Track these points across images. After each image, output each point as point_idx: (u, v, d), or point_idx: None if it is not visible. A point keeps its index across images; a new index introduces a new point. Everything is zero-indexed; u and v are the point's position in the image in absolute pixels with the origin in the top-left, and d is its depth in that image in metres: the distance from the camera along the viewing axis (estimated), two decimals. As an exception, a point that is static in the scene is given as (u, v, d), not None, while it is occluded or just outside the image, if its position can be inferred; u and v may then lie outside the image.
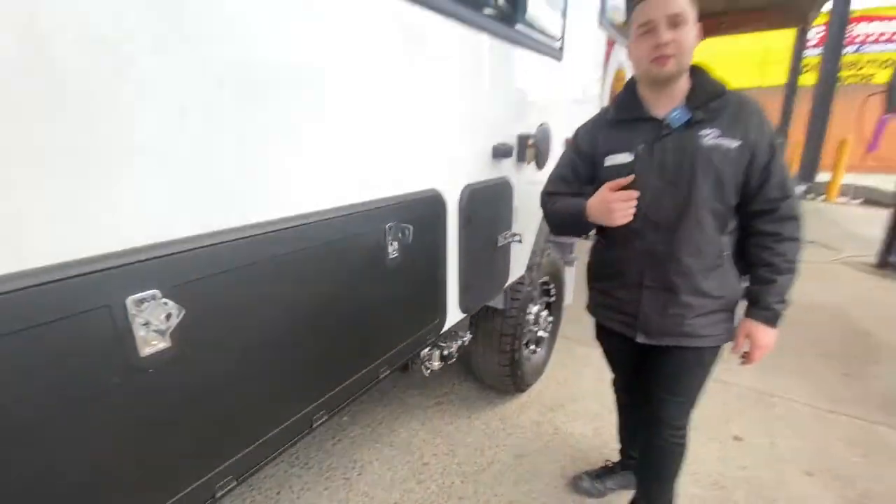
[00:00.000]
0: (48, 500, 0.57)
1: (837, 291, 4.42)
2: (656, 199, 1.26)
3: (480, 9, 1.36)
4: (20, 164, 0.52)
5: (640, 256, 1.33)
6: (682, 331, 1.34)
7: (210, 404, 0.76)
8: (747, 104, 1.21)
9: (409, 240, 1.10)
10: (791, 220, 1.24)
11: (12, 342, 0.51)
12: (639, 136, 1.26)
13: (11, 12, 0.48)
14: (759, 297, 1.30)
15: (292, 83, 0.83)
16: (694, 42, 1.17)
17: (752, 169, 1.20)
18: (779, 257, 1.25)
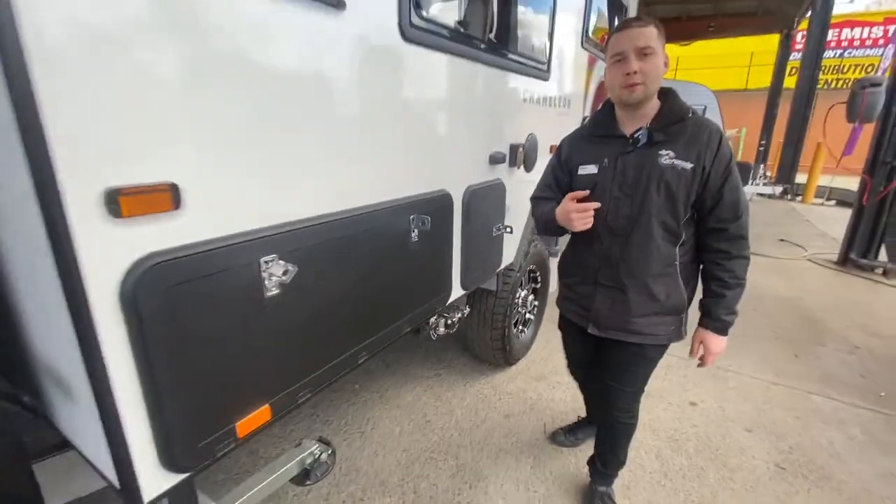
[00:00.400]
0: (229, 374, 0.93)
1: (798, 285, 4.85)
2: (615, 207, 1.38)
3: (482, 47, 1.71)
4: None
5: (598, 257, 1.46)
6: (627, 327, 1.46)
7: (304, 330, 1.12)
8: (705, 130, 1.30)
9: (427, 228, 1.46)
10: (739, 239, 1.34)
11: (210, 280, 0.86)
12: (607, 151, 1.39)
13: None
14: (710, 309, 1.42)
15: (381, 128, 1.24)
16: (661, 71, 1.28)
17: (706, 190, 1.30)
18: (727, 273, 1.36)
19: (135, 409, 0.82)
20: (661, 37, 1.28)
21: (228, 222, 0.91)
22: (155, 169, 0.77)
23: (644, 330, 1.46)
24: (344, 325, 1.26)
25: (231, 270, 0.92)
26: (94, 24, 0.67)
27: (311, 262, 1.08)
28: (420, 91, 1.46)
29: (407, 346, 3.24)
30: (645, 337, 1.47)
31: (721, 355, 1.49)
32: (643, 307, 1.43)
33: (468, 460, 2.18)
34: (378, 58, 1.25)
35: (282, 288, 1.01)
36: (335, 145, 1.17)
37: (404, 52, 1.32)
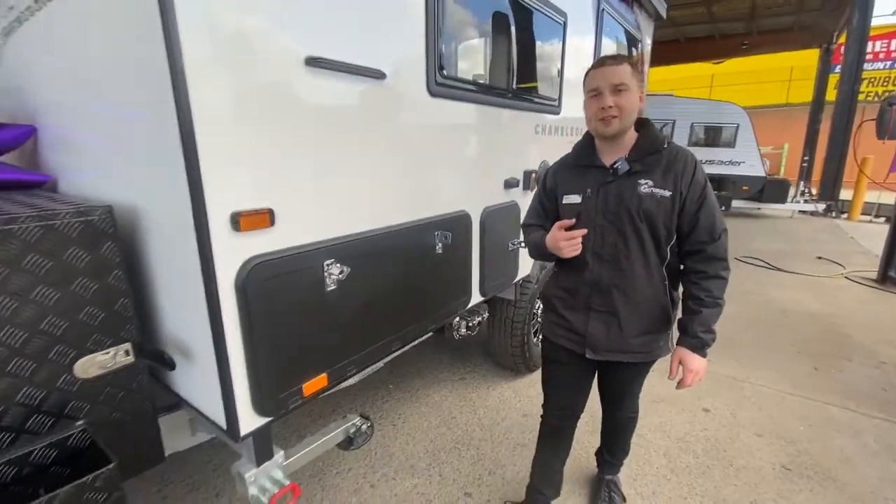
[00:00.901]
0: (300, 347, 1.28)
1: (830, 302, 4.81)
2: (601, 235, 1.44)
3: (496, 94, 2.06)
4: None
5: (587, 284, 1.49)
6: (624, 348, 1.51)
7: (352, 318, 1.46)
8: (681, 159, 1.37)
9: (448, 241, 1.79)
10: (716, 260, 1.39)
11: (290, 276, 1.22)
12: (589, 181, 1.45)
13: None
14: (687, 326, 1.44)
15: (413, 164, 1.62)
16: (636, 105, 1.35)
17: (683, 214, 1.37)
18: (704, 292, 1.40)
19: (239, 368, 1.18)
20: (635, 74, 1.35)
21: (304, 235, 1.27)
22: (260, 199, 1.14)
23: (640, 349, 1.51)
24: (382, 317, 1.59)
25: (304, 270, 1.27)
26: (232, 112, 1.05)
27: (359, 266, 1.43)
28: (444, 133, 1.81)
29: (434, 351, 3.54)
30: (640, 355, 1.52)
31: (700, 377, 1.46)
32: (638, 328, 1.48)
33: (488, 451, 2.43)
34: (411, 110, 1.62)
35: (338, 284, 1.36)
36: (378, 178, 1.53)
37: (430, 104, 1.68)
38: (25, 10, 1.56)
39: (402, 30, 1.53)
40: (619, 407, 1.83)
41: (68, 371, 1.14)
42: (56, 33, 1.43)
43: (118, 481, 1.05)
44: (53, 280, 1.09)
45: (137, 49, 1.05)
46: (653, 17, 4.25)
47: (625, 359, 1.54)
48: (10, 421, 1.07)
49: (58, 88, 1.59)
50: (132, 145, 1.21)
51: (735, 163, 10.03)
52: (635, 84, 1.35)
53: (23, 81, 1.82)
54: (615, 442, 2.00)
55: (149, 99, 1.05)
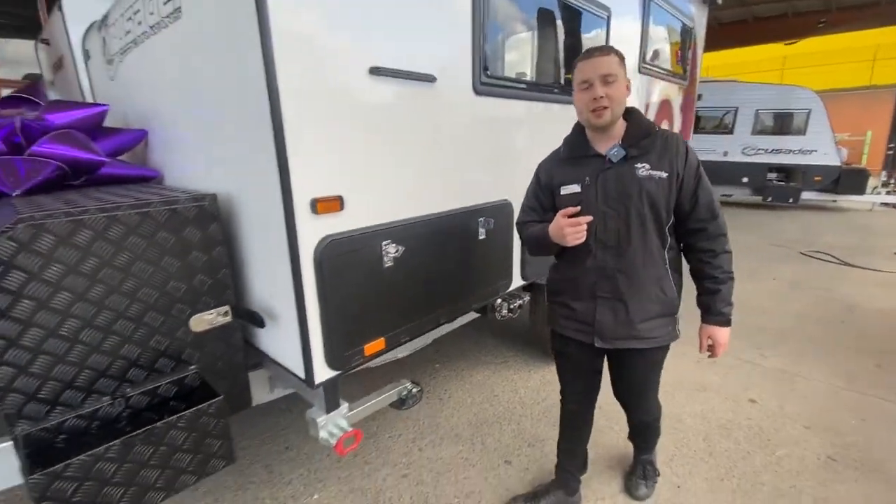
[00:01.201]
0: (363, 313, 1.52)
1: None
2: (603, 222, 1.45)
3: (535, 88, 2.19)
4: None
5: (592, 272, 1.50)
6: (632, 334, 1.51)
7: (405, 291, 1.68)
8: (673, 141, 1.42)
9: (491, 227, 1.96)
10: (720, 236, 1.45)
11: (355, 253, 1.46)
12: (586, 170, 1.46)
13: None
14: (709, 305, 1.51)
15: (461, 155, 1.80)
16: (624, 94, 1.39)
17: (682, 195, 1.42)
18: (717, 270, 1.46)
19: (315, 328, 1.42)
20: (622, 64, 1.39)
21: (366, 219, 1.50)
22: (333, 188, 1.38)
23: (648, 334, 1.52)
24: (432, 292, 1.80)
25: (367, 248, 1.50)
26: (312, 117, 1.29)
27: (412, 246, 1.64)
28: (488, 127, 1.98)
29: (479, 336, 3.73)
30: (649, 341, 1.53)
31: (727, 346, 1.57)
32: (645, 312, 1.50)
33: (528, 427, 2.59)
34: (458, 108, 1.80)
35: (394, 262, 1.58)
36: (429, 169, 1.73)
37: (476, 101, 1.86)
38: (141, 34, 1.89)
39: (449, 39, 1.72)
40: (639, 407, 1.79)
41: (185, 325, 1.43)
42: (168, 53, 1.74)
43: (225, 412, 1.33)
44: (176, 252, 1.38)
45: (241, 69, 1.30)
46: (706, 2, 4.13)
47: (635, 345, 1.54)
48: (144, 361, 1.38)
49: (165, 99, 1.92)
50: (233, 147, 1.48)
51: (806, 151, 9.33)
52: (622, 74, 1.38)
53: (135, 93, 2.19)
54: (646, 429, 1.98)
55: (248, 109, 1.31)
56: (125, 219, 1.26)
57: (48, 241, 1.15)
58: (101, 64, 2.49)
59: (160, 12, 1.65)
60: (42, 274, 1.15)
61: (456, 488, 2.14)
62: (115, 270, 1.27)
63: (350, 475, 2.24)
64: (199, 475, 1.31)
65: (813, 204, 10.25)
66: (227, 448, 1.36)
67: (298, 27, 1.23)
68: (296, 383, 1.66)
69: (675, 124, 4.02)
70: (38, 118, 1.76)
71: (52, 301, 1.17)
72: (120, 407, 1.32)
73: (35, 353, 1.17)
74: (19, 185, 1.59)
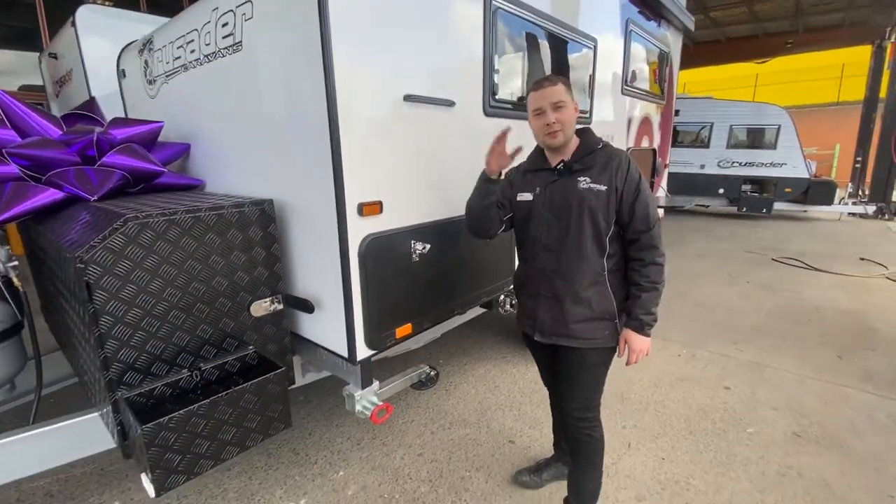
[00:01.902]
0: (396, 300, 1.79)
1: (865, 300, 4.90)
2: (547, 228, 1.61)
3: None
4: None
5: (538, 272, 1.66)
6: (566, 332, 1.63)
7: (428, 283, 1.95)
8: (615, 158, 1.55)
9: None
10: (652, 248, 1.54)
11: (391, 249, 1.73)
12: (539, 181, 1.64)
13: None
14: (630, 310, 1.59)
15: (475, 167, 2.06)
16: (573, 117, 1.55)
17: (622, 207, 1.54)
18: (643, 278, 1.54)
19: (359, 313, 1.69)
20: (568, 91, 1.55)
21: (400, 220, 1.79)
22: (374, 194, 1.66)
23: (582, 335, 1.62)
24: (449, 284, 2.09)
25: (400, 245, 1.78)
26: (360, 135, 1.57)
27: (435, 244, 1.92)
28: (495, 143, 2.30)
29: (480, 335, 4.01)
30: (584, 341, 1.62)
31: (645, 354, 1.61)
32: (578, 314, 1.60)
33: (528, 411, 2.86)
34: (471, 127, 2.11)
35: (420, 257, 1.86)
36: (449, 179, 2.02)
37: (486, 121, 2.17)
38: (193, 61, 2.16)
39: (465, 70, 2.04)
40: (567, 399, 1.76)
41: (247, 310, 1.68)
42: (222, 79, 2.01)
43: (285, 381, 1.58)
44: (241, 247, 1.64)
45: (303, 98, 1.59)
46: (680, 30, 4.57)
47: (568, 343, 1.64)
48: (214, 340, 1.62)
49: (213, 118, 2.19)
50: (289, 160, 1.76)
51: (777, 164, 9.93)
52: (570, 99, 1.54)
53: (179, 111, 2.45)
54: (579, 476, 1.85)
55: (309, 130, 1.58)
56: (206, 218, 1.52)
57: (149, 236, 1.40)
58: (140, 83, 2.74)
59: (218, 44, 1.93)
60: (143, 263, 1.40)
61: (467, 464, 2.39)
62: (195, 261, 1.52)
63: (370, 455, 2.47)
64: (263, 434, 1.54)
65: (785, 214, 10.85)
66: (286, 413, 1.60)
67: (352, 66, 1.52)
68: (333, 365, 1.92)
69: (654, 139, 4.40)
70: (106, 133, 2.01)
71: (149, 286, 1.42)
72: (196, 378, 1.55)
73: (135, 329, 1.40)
74: (95, 192, 1.82)
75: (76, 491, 2.22)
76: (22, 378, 2.15)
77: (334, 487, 2.23)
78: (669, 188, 10.18)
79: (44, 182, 1.86)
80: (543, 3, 2.44)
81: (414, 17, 1.73)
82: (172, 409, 1.35)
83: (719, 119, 10.35)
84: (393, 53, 1.67)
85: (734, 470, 2.32)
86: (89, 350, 1.43)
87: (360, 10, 1.52)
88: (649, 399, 2.97)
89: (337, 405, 2.93)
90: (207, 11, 1.97)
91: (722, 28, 14.67)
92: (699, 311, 4.60)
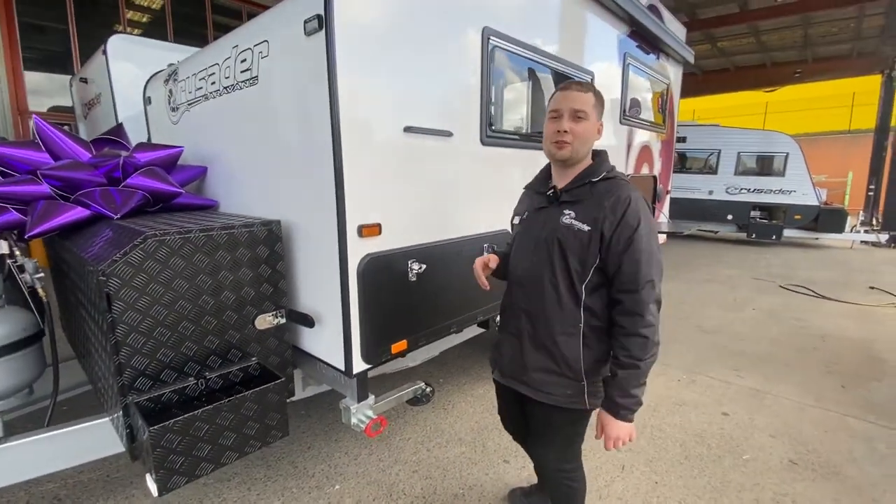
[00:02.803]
0: (392, 317, 1.88)
1: (874, 329, 4.85)
2: (521, 259, 1.46)
3: (528, 138, 2.64)
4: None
5: (512, 305, 1.51)
6: (523, 379, 1.45)
7: (424, 302, 2.04)
8: (611, 196, 1.28)
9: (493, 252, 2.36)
10: (636, 315, 1.25)
11: (388, 268, 1.84)
12: (532, 204, 1.49)
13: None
14: (606, 388, 1.33)
15: (471, 192, 2.18)
16: (592, 135, 1.33)
17: (608, 256, 1.28)
18: (622, 351, 1.27)
19: (356, 328, 1.79)
20: (598, 105, 1.34)
21: (397, 242, 1.90)
22: (374, 217, 1.78)
23: (539, 386, 1.42)
24: (445, 304, 2.17)
25: (397, 264, 1.89)
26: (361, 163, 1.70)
27: (431, 265, 2.02)
28: (492, 170, 2.41)
29: (480, 355, 4.05)
30: (540, 395, 1.42)
31: (622, 443, 1.35)
32: (536, 361, 1.41)
33: (524, 432, 2.90)
34: (469, 156, 2.23)
35: (416, 277, 1.96)
36: (446, 203, 2.14)
37: (483, 150, 2.30)
38: (213, 91, 2.34)
39: (463, 103, 2.17)
40: (540, 455, 1.63)
41: (251, 323, 1.80)
42: (238, 109, 2.18)
43: (284, 392, 1.68)
44: (250, 264, 1.76)
45: (310, 128, 1.73)
46: (680, 62, 4.72)
47: (521, 389, 1.47)
48: (220, 350, 1.73)
49: (228, 144, 2.35)
50: (295, 184, 1.89)
51: (785, 192, 9.94)
52: (595, 115, 1.34)
53: (198, 137, 2.63)
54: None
55: (315, 157, 1.72)
56: (217, 237, 1.65)
57: (165, 252, 1.53)
58: (163, 110, 2.95)
59: (237, 77, 2.10)
60: (158, 277, 1.52)
61: (460, 482, 2.43)
62: (206, 276, 1.64)
63: (366, 470, 2.52)
64: (262, 442, 1.63)
65: (796, 241, 10.78)
66: (284, 422, 1.69)
67: (356, 100, 1.66)
68: (331, 379, 2.01)
69: (655, 166, 4.51)
70: (130, 157, 2.18)
71: (163, 298, 1.54)
72: (201, 387, 1.66)
73: (148, 338, 1.52)
74: (118, 210, 1.98)
75: (83, 496, 2.30)
76: (38, 384, 2.27)
77: (330, 501, 2.28)
78: (678, 213, 10.24)
79: (72, 201, 2.02)
80: (540, 41, 2.60)
81: (414, 55, 1.88)
82: (178, 414, 1.45)
83: (726, 146, 10.44)
84: (394, 88, 1.81)
85: (727, 496, 2.32)
86: (105, 356, 1.55)
87: (363, 50, 1.67)
88: (646, 423, 2.98)
89: (336, 420, 2.99)
90: (228, 48, 2.16)
91: (730, 57, 14.94)
92: (701, 337, 4.60)
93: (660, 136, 4.56)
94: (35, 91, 8.47)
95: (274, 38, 1.87)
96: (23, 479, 1.69)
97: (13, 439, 1.66)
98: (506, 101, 2.48)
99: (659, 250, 1.32)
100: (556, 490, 1.61)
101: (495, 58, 2.29)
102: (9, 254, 2.00)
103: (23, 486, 2.31)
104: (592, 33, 3.16)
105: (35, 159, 2.09)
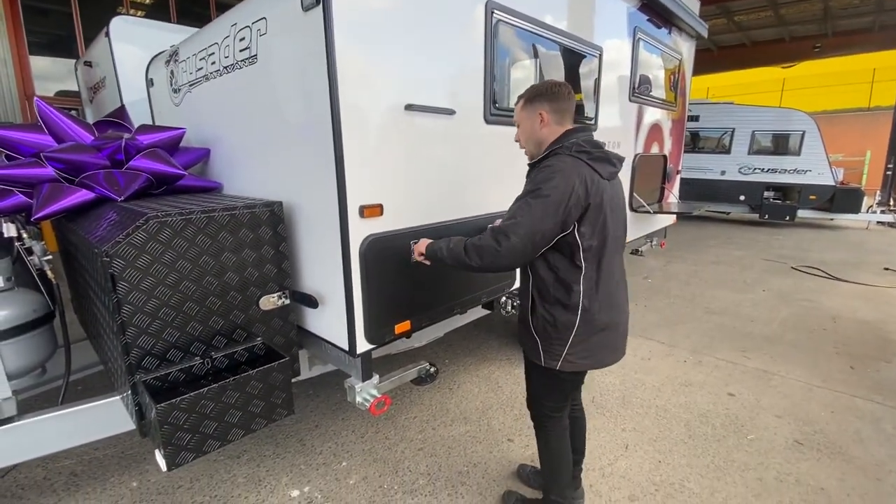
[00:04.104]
0: (395, 298, 1.88)
1: (886, 311, 4.77)
2: None
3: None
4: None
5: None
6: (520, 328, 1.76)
7: (427, 283, 2.04)
8: (541, 171, 1.50)
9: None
10: (495, 232, 1.49)
11: (390, 249, 1.83)
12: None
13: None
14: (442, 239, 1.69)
15: (475, 171, 2.15)
16: (529, 135, 1.62)
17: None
18: (467, 238, 1.59)
19: (359, 308, 1.79)
20: (526, 105, 1.60)
21: (400, 223, 1.88)
22: (375, 197, 1.76)
23: (519, 334, 1.76)
24: (447, 285, 2.17)
25: (399, 245, 1.88)
26: (362, 142, 1.68)
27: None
28: (497, 148, 2.37)
29: (485, 337, 4.07)
30: (520, 343, 1.76)
31: (420, 253, 1.75)
32: (521, 314, 1.74)
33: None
34: (472, 135, 2.19)
35: (419, 257, 1.95)
36: (449, 184, 2.11)
37: (487, 129, 2.25)
38: (214, 72, 2.31)
39: (466, 80, 2.12)
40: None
41: (256, 304, 1.81)
42: (239, 89, 2.15)
43: (288, 370, 1.69)
44: (253, 245, 1.77)
45: (310, 107, 1.70)
46: (693, 36, 4.56)
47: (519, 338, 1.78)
48: (225, 330, 1.75)
49: (230, 125, 2.33)
50: (297, 165, 1.88)
51: (801, 171, 9.68)
52: (525, 115, 1.61)
53: (200, 118, 2.61)
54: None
55: (315, 137, 1.69)
56: (219, 218, 1.65)
57: (168, 233, 1.53)
58: (166, 91, 2.92)
59: (236, 57, 2.07)
60: (161, 258, 1.53)
61: (465, 459, 2.46)
62: (209, 258, 1.65)
63: (373, 448, 2.57)
64: (267, 419, 1.66)
65: (810, 222, 10.57)
66: (289, 400, 1.71)
67: (356, 77, 1.63)
68: (336, 358, 2.03)
69: (665, 145, 4.40)
70: (133, 139, 2.17)
71: (167, 279, 1.55)
72: (207, 366, 1.68)
73: (153, 318, 1.54)
74: (122, 193, 1.98)
75: (98, 471, 2.38)
76: (51, 364, 2.32)
77: (337, 477, 2.34)
78: (689, 194, 10.05)
79: (76, 183, 2.03)
80: (546, 15, 2.52)
81: (416, 31, 1.83)
82: (185, 392, 1.47)
83: (741, 125, 10.16)
84: (395, 66, 1.77)
85: (730, 475, 2.33)
86: (112, 337, 1.57)
87: (362, 26, 1.63)
88: (651, 403, 2.98)
89: (343, 400, 3.04)
90: (227, 27, 2.12)
91: (747, 32, 14.43)
92: (709, 318, 4.56)
93: (671, 114, 4.44)
94: (42, 76, 8.45)
95: (272, 14, 1.83)
96: (37, 455, 1.74)
97: (27, 417, 1.71)
98: (511, 78, 2.42)
99: (531, 213, 1.45)
100: (534, 423, 1.94)
101: (499, 33, 2.22)
102: (17, 237, 2.02)
103: (40, 462, 2.40)
104: (601, 6, 3.05)
105: (38, 142, 2.10)
